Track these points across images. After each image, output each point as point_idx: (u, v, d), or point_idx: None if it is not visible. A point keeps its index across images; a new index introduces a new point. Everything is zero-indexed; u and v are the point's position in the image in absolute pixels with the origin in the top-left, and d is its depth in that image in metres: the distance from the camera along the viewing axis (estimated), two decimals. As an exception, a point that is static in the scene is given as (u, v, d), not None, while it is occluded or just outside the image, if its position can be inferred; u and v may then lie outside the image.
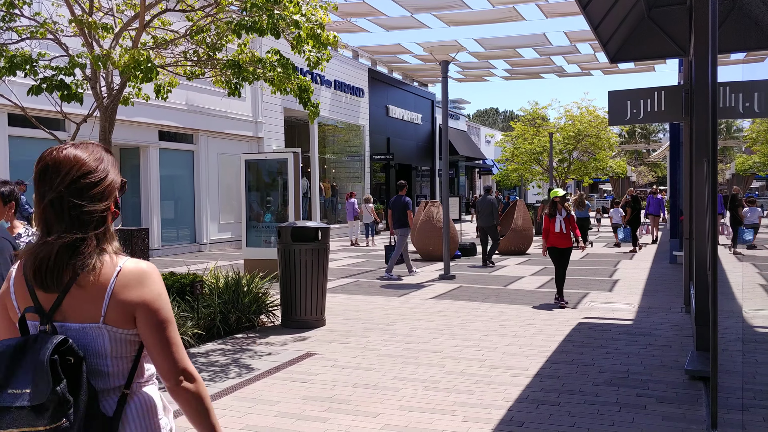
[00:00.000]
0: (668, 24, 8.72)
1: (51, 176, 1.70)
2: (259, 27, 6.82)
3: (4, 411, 1.54)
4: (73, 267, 1.68)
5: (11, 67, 6.66)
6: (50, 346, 1.57)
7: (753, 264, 14.50)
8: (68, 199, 1.69)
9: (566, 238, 9.47)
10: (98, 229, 1.73)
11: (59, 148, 1.74)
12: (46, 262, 1.67)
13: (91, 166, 1.74)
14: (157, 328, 1.73)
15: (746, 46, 8.95)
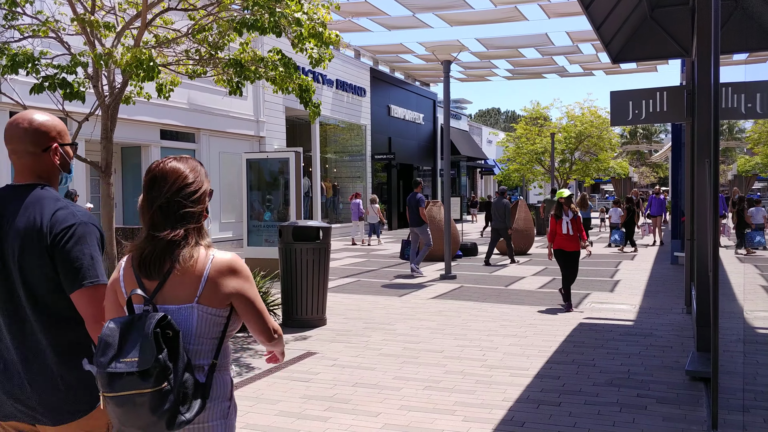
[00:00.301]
0: (671, 24, 8.71)
1: (159, 184, 2.09)
2: (261, 25, 6.82)
3: (116, 376, 1.86)
4: (172, 258, 2.04)
5: (13, 66, 6.66)
6: (153, 321, 1.91)
7: (754, 265, 14.48)
8: (173, 203, 2.07)
9: (574, 240, 9.21)
10: (195, 228, 2.13)
11: (164, 161, 2.15)
12: (150, 255, 2.04)
13: (189, 176, 2.13)
14: (251, 305, 2.14)
15: (748, 47, 8.94)
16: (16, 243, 2.19)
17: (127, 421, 1.93)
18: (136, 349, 1.89)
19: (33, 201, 2.23)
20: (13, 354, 2.23)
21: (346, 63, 25.63)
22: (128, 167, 17.74)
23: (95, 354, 1.93)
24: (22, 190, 2.27)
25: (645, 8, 8.52)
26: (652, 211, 20.42)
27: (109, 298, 2.15)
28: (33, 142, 2.28)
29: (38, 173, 2.31)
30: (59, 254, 2.17)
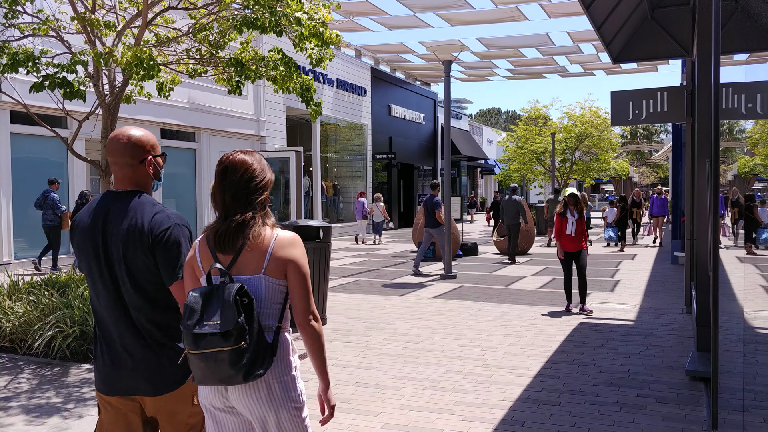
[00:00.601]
0: (671, 24, 8.71)
1: (230, 175, 2.43)
2: (261, 24, 6.82)
3: (201, 336, 2.22)
4: (243, 236, 2.38)
5: (13, 64, 6.66)
6: (233, 290, 2.26)
7: (754, 265, 14.48)
8: (242, 191, 2.42)
9: (576, 241, 8.96)
10: (262, 211, 2.46)
11: (233, 154, 2.48)
12: (224, 234, 2.39)
13: (255, 167, 2.47)
14: (299, 279, 2.43)
15: (749, 47, 8.94)
16: (120, 241, 2.58)
17: (209, 374, 2.28)
18: (218, 314, 2.25)
19: (134, 206, 2.63)
20: (117, 336, 2.65)
21: (346, 62, 25.63)
22: (129, 166, 17.73)
23: (182, 318, 2.29)
24: (122, 196, 2.66)
25: (646, 8, 8.52)
26: (654, 212, 20.22)
27: (187, 272, 2.51)
28: (131, 155, 2.67)
29: (135, 182, 2.70)
30: (160, 252, 2.57)
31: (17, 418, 4.82)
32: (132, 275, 2.59)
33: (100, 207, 2.67)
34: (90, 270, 2.67)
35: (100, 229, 2.62)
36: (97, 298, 2.70)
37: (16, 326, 6.67)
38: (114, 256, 2.60)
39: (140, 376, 2.62)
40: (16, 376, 5.86)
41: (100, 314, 2.71)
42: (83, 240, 2.67)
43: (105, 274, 2.63)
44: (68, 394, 5.34)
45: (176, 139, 18.05)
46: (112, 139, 2.68)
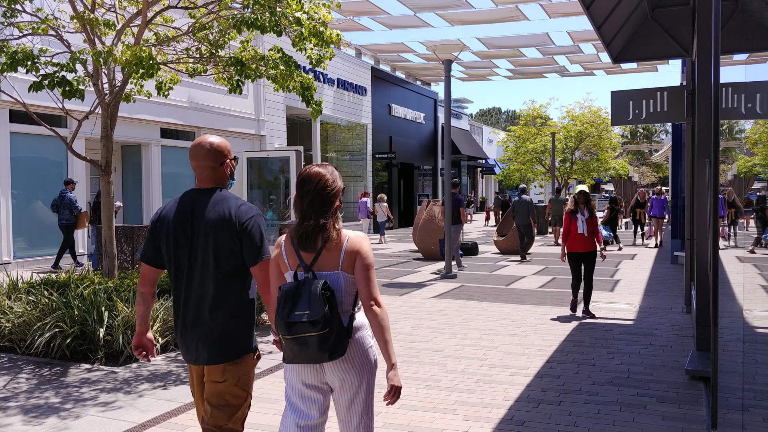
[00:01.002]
0: (671, 25, 8.71)
1: (306, 184, 2.85)
2: (261, 24, 6.82)
3: (294, 324, 2.68)
4: (322, 238, 2.81)
5: (13, 63, 6.66)
6: (319, 284, 2.70)
7: (754, 265, 14.48)
8: (318, 198, 2.83)
9: (588, 240, 8.50)
10: (334, 216, 2.86)
11: (311, 168, 2.90)
12: (305, 236, 2.81)
13: (328, 178, 2.88)
14: (365, 270, 2.83)
15: (749, 48, 8.93)
16: (210, 229, 3.02)
17: (301, 355, 2.76)
18: (307, 305, 2.69)
19: (219, 199, 3.09)
20: (201, 310, 3.05)
21: (347, 62, 25.62)
22: (128, 165, 17.73)
23: (277, 308, 2.75)
24: (205, 193, 3.13)
25: (646, 8, 8.52)
26: (653, 212, 19.65)
27: (273, 269, 2.97)
28: (213, 159, 3.13)
29: (215, 180, 3.17)
30: (245, 237, 3.03)
31: (16, 418, 4.81)
32: (217, 258, 3.03)
33: (186, 202, 3.13)
34: (176, 254, 3.08)
35: (189, 220, 3.07)
36: (180, 279, 3.09)
37: (16, 326, 6.66)
38: (200, 241, 3.04)
39: (203, 348, 3.06)
40: (15, 376, 5.86)
41: (181, 293, 3.10)
42: (171, 229, 3.09)
43: (191, 258, 3.06)
44: (67, 394, 5.34)
45: (176, 139, 18.04)
46: (196, 145, 3.15)
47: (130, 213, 17.69)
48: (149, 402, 5.14)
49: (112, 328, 6.40)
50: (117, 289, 7.05)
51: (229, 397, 3.08)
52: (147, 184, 17.19)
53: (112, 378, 5.78)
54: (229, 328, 3.06)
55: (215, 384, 3.08)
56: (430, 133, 33.95)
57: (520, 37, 21.32)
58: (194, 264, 3.06)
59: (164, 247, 3.12)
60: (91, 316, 6.41)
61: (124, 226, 12.95)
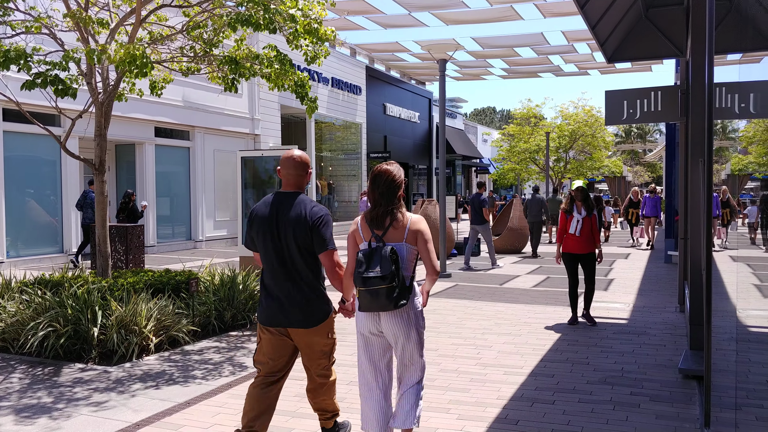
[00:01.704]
0: (665, 24, 8.72)
1: (379, 179, 3.79)
2: (255, 21, 6.80)
3: (369, 279, 3.56)
4: (390, 218, 3.77)
5: (5, 62, 6.62)
6: (388, 249, 3.64)
7: (747, 264, 14.53)
8: (387, 190, 3.77)
9: (584, 242, 7.93)
10: (399, 202, 3.82)
11: (381, 166, 3.83)
12: (377, 217, 3.79)
13: (395, 174, 3.82)
14: (425, 243, 3.79)
15: (743, 47, 8.97)
16: (290, 224, 3.86)
17: (372, 304, 3.63)
18: (378, 264, 3.61)
19: (298, 202, 3.93)
20: (281, 285, 3.90)
21: (341, 61, 25.60)
22: (122, 165, 17.68)
23: (356, 268, 3.67)
24: (289, 195, 3.96)
25: (640, 8, 8.53)
26: (646, 212, 19.14)
27: (351, 241, 3.94)
28: (300, 168, 3.98)
29: (297, 185, 4.00)
30: (315, 232, 3.85)
31: (7, 418, 4.79)
32: (297, 245, 3.86)
33: (274, 202, 3.97)
34: (265, 243, 3.93)
35: (275, 217, 3.91)
36: (270, 261, 3.94)
37: (9, 325, 6.64)
38: (283, 233, 3.88)
39: (293, 314, 3.88)
40: (8, 376, 5.84)
41: (270, 272, 3.95)
42: (262, 223, 3.94)
43: (277, 245, 3.90)
44: (60, 394, 5.32)
45: (170, 138, 17.99)
46: (287, 157, 3.99)
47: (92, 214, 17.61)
48: (142, 401, 5.13)
49: (106, 328, 6.38)
50: (111, 288, 7.03)
51: (325, 346, 4.02)
52: (141, 183, 17.14)
53: (105, 377, 5.76)
54: (312, 296, 3.91)
55: (308, 343, 3.98)
56: (424, 132, 33.96)
57: (514, 36, 21.34)
58: (281, 249, 3.91)
59: (256, 236, 3.99)
60: (85, 316, 6.39)
61: (117, 226, 12.92)
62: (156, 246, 17.04)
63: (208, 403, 5.12)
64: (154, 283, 7.57)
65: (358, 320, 3.90)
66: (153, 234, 17.11)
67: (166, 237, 17.97)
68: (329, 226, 3.90)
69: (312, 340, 3.96)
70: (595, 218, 7.97)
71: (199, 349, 6.79)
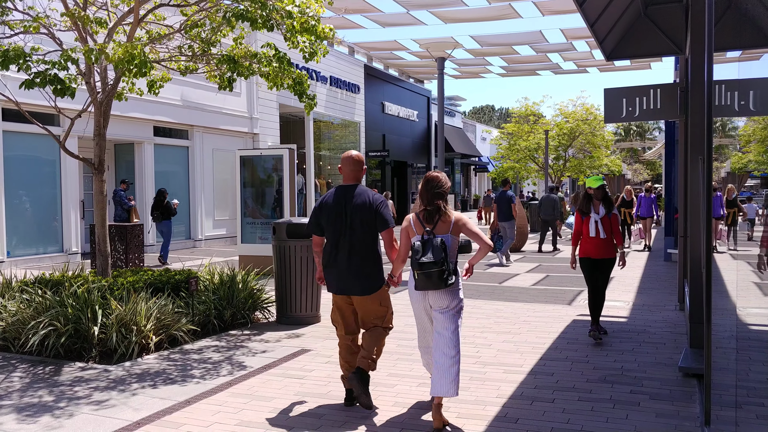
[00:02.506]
0: (664, 22, 8.72)
1: (430, 183, 4.65)
2: (252, 16, 6.79)
3: (424, 263, 4.40)
4: (438, 214, 4.60)
5: (4, 62, 6.61)
6: (438, 239, 4.50)
7: (747, 262, 14.53)
8: (435, 192, 4.62)
9: (605, 245, 7.02)
10: (445, 202, 4.62)
11: (431, 173, 4.72)
12: (429, 214, 4.61)
13: (442, 179, 4.69)
14: (472, 232, 4.67)
15: (742, 45, 8.96)
16: (357, 209, 4.86)
17: (427, 283, 4.48)
18: (431, 252, 4.45)
19: (361, 191, 4.96)
20: (346, 260, 4.87)
21: (340, 59, 25.58)
22: (121, 164, 17.66)
23: (412, 255, 4.53)
24: (352, 187, 5.00)
25: (639, 5, 8.53)
26: (641, 212, 17.79)
27: (404, 234, 4.78)
28: (358, 165, 5.08)
29: (356, 179, 5.06)
30: (378, 214, 4.87)
31: (8, 417, 4.79)
32: (362, 226, 4.86)
33: (339, 193, 4.98)
34: (334, 226, 4.91)
35: (342, 205, 4.91)
36: (336, 241, 4.90)
37: (10, 324, 6.64)
38: (350, 217, 4.87)
39: (353, 283, 4.88)
40: (9, 375, 5.84)
41: (335, 250, 4.91)
42: (331, 210, 4.94)
43: (344, 227, 4.89)
44: (60, 393, 5.32)
45: (169, 137, 17.98)
46: (347, 157, 5.07)
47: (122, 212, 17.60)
48: (143, 400, 5.13)
49: (106, 327, 6.38)
50: (110, 287, 7.03)
51: (378, 312, 4.98)
52: (140, 182, 17.13)
53: (106, 376, 5.76)
54: (369, 269, 4.89)
55: (367, 308, 4.96)
56: (423, 130, 33.95)
57: (513, 34, 21.34)
58: (346, 231, 4.87)
59: (324, 221, 4.96)
60: (85, 315, 6.39)
61: (117, 225, 12.92)
62: (155, 245, 17.02)
63: (208, 401, 5.12)
64: (153, 282, 7.57)
65: (412, 297, 4.79)
66: (152, 233, 17.10)
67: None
68: (388, 209, 4.98)
69: (367, 306, 4.95)
70: (615, 218, 7.09)
71: (199, 348, 6.79)
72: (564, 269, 13.27)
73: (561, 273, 12.73)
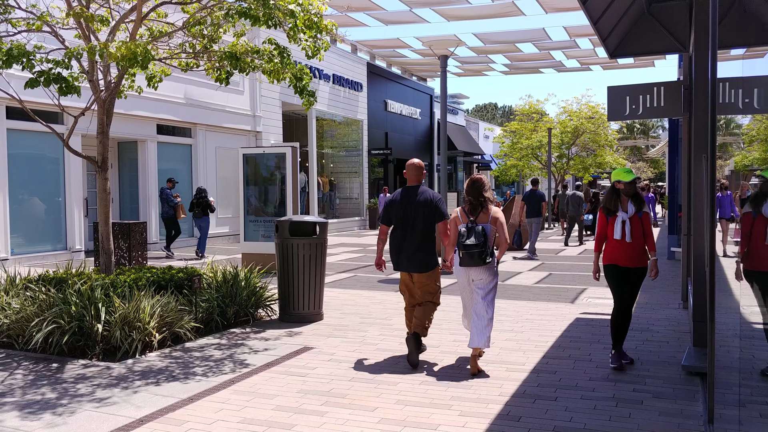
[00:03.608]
0: (668, 19, 8.69)
1: (475, 183, 6.01)
2: (254, 14, 6.79)
3: (468, 245, 5.71)
4: (481, 208, 5.94)
5: (7, 60, 6.62)
6: (480, 227, 5.79)
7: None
8: (479, 190, 5.96)
9: (634, 251, 5.90)
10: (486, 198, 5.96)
11: (474, 175, 6.15)
12: (473, 207, 5.97)
13: (484, 180, 6.05)
14: (502, 226, 5.93)
15: (746, 42, 8.91)
16: (420, 205, 6.16)
17: (470, 261, 5.72)
18: (474, 236, 5.69)
19: (423, 191, 6.26)
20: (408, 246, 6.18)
21: (342, 58, 25.57)
22: (125, 162, 17.68)
23: (459, 239, 5.77)
24: (415, 187, 6.30)
25: (642, 3, 8.50)
26: None
27: (453, 224, 5.97)
28: (420, 170, 6.39)
29: (418, 181, 6.35)
30: (436, 208, 6.17)
31: (12, 413, 4.80)
32: (423, 219, 6.17)
33: (405, 192, 6.30)
34: (402, 218, 6.23)
35: (407, 201, 6.22)
36: (402, 230, 6.25)
37: (14, 321, 6.65)
38: (413, 211, 6.19)
39: (414, 263, 6.21)
40: (13, 372, 5.85)
41: (401, 237, 6.25)
42: (400, 206, 6.24)
43: (409, 220, 6.20)
44: (64, 390, 5.33)
45: (172, 135, 18.00)
46: (410, 164, 6.46)
47: (126, 209, 17.65)
48: (145, 397, 5.14)
49: (109, 324, 6.39)
50: (114, 284, 7.04)
51: (431, 288, 6.32)
52: (143, 180, 17.15)
53: (109, 374, 5.77)
54: (427, 253, 6.23)
55: (423, 283, 6.27)
56: (426, 128, 33.92)
57: (516, 32, 21.32)
58: (410, 222, 6.22)
59: (393, 215, 6.31)
60: (89, 312, 6.40)
61: (120, 223, 12.94)
62: (158, 243, 17.04)
63: (211, 399, 5.13)
64: (156, 279, 7.58)
65: (457, 272, 6.04)
66: (155, 231, 17.12)
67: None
68: (444, 204, 6.33)
69: (424, 282, 6.26)
70: (647, 218, 5.95)
71: (202, 346, 6.80)
72: (567, 267, 13.26)
73: (564, 271, 12.72)
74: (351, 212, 27.62)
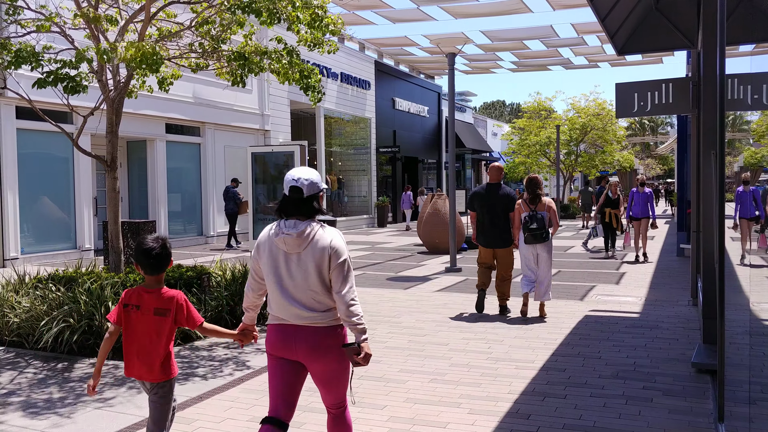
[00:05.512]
0: (676, 16, 8.64)
1: (533, 181, 8.22)
2: (257, 7, 6.80)
3: (533, 228, 7.95)
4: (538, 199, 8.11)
5: (17, 61, 6.65)
6: (539, 214, 7.99)
7: (761, 256, 14.42)
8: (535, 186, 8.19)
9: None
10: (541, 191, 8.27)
11: (533, 174, 8.77)
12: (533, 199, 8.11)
13: (539, 179, 8.31)
14: (554, 212, 8.34)
15: (755, 38, 8.86)
16: (499, 199, 8.31)
17: (534, 240, 7.95)
18: (536, 222, 7.93)
19: (501, 187, 8.38)
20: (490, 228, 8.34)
21: (350, 56, 25.58)
22: (134, 161, 17.76)
23: (523, 224, 8.02)
24: (495, 184, 8.40)
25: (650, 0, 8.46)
26: (634, 212, 14.13)
27: (517, 213, 8.20)
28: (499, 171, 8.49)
29: (498, 179, 8.45)
30: (510, 201, 8.33)
31: (19, 412, 4.84)
32: (503, 209, 8.27)
33: (488, 188, 8.38)
34: (486, 209, 8.29)
35: (489, 195, 8.32)
36: (485, 217, 8.31)
37: (24, 321, 6.70)
38: (493, 204, 8.28)
39: (497, 241, 8.31)
40: (22, 371, 5.89)
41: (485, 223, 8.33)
42: (482, 198, 8.35)
43: (491, 210, 8.28)
44: (71, 389, 5.37)
45: (181, 134, 18.06)
46: (492, 166, 8.48)
47: (135, 208, 17.72)
48: (156, 397, 5.15)
49: (119, 324, 6.41)
50: (123, 283, 7.07)
51: (508, 261, 8.35)
52: (152, 179, 17.22)
53: (116, 373, 5.80)
54: (505, 233, 8.24)
55: (503, 255, 8.32)
56: (433, 126, 33.89)
57: (523, 29, 21.22)
58: (491, 211, 8.23)
59: (477, 204, 8.34)
60: (98, 311, 6.43)
61: (130, 222, 12.98)
62: (167, 242, 17.11)
63: (220, 397, 5.15)
64: (165, 278, 7.59)
65: (523, 248, 8.11)
66: (164, 230, 17.19)
67: (178, 232, 18.04)
68: (515, 198, 8.26)
69: (504, 255, 8.31)
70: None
71: (211, 344, 6.82)
72: (576, 264, 13.23)
73: (573, 269, 12.69)
74: (359, 210, 27.63)
